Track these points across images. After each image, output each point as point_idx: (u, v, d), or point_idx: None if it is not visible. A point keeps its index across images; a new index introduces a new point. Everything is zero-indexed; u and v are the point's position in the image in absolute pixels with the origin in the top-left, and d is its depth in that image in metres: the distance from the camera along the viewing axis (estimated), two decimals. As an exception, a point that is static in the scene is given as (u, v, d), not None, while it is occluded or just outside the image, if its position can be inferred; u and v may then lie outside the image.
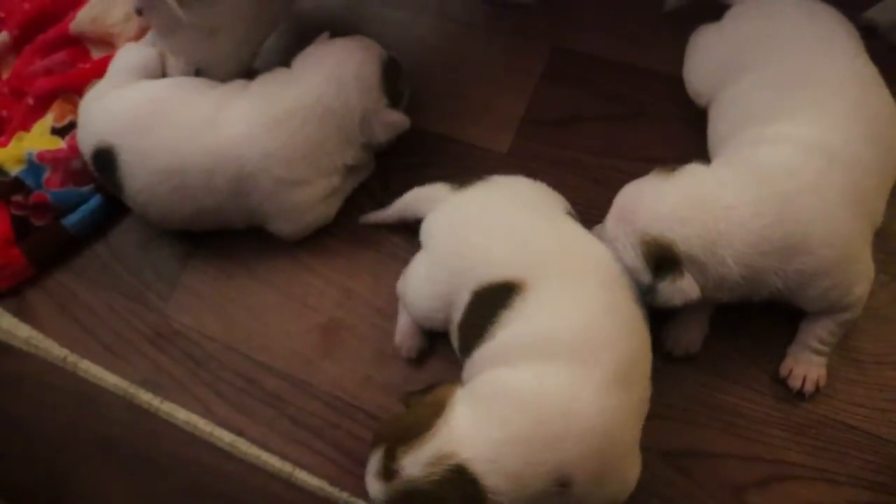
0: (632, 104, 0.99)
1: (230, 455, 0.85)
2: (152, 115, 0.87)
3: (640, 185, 0.75)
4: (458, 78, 1.05)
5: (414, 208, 0.88)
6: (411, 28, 1.10)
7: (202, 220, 0.92)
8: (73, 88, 1.06)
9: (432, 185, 0.87)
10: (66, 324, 0.96)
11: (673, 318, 0.81)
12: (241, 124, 0.86)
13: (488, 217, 0.77)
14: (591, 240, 0.75)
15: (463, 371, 0.73)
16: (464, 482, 0.61)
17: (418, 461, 0.62)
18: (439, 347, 0.85)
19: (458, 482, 0.61)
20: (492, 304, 0.70)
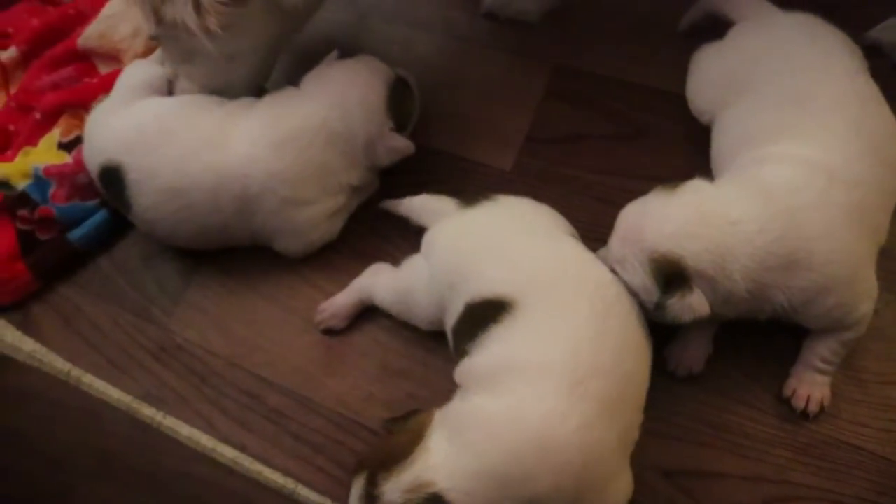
0: (635, 122, 1.00)
1: (232, 471, 0.85)
2: (159, 134, 0.87)
3: (644, 204, 0.75)
4: (461, 95, 1.05)
5: (420, 216, 0.89)
6: (415, 45, 1.11)
7: (207, 239, 0.92)
8: (80, 103, 1.07)
9: (441, 198, 0.88)
10: (69, 338, 0.96)
11: (675, 339, 0.81)
12: (247, 144, 0.86)
13: (490, 236, 0.77)
14: (592, 263, 0.74)
15: (454, 372, 0.73)
16: None
17: (398, 488, 0.63)
18: (440, 363, 0.85)
19: None
20: (483, 317, 0.70)
